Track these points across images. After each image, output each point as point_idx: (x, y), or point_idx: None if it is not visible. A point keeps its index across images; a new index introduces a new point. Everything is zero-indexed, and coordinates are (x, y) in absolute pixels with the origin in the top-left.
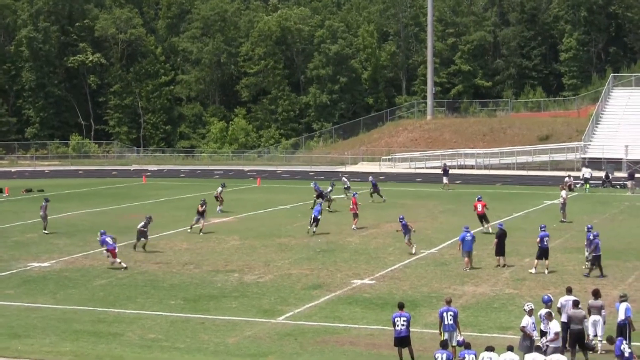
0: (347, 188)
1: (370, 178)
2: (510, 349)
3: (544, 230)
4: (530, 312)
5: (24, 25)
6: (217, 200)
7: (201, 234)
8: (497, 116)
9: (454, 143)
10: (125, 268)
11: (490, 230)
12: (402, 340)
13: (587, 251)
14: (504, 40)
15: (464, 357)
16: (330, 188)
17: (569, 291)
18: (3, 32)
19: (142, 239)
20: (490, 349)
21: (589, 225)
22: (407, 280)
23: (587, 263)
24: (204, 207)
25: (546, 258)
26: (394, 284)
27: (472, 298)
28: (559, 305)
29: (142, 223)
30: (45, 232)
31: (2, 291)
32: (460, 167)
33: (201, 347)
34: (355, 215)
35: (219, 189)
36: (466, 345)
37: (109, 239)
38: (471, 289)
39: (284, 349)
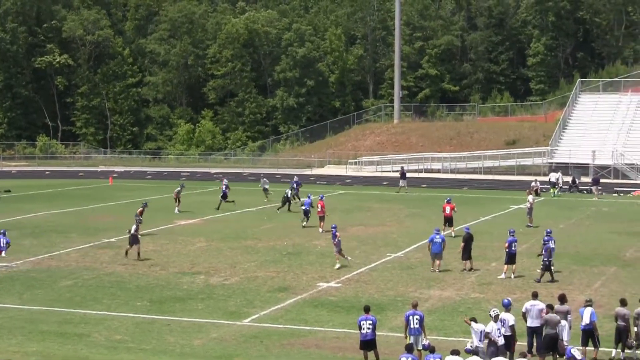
0: (265, 190)
1: (295, 178)
2: (475, 353)
3: (512, 235)
4: (496, 318)
5: None
6: (176, 201)
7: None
8: (464, 120)
9: (420, 147)
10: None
11: (453, 234)
12: (368, 344)
13: (543, 254)
14: (471, 44)
15: None
16: (294, 188)
17: (535, 296)
18: None
19: (135, 244)
20: (455, 352)
21: (548, 230)
22: (373, 284)
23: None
24: (143, 210)
25: (513, 263)
26: (360, 287)
27: (438, 302)
28: (523, 310)
29: (134, 227)
30: None
31: None
32: (427, 171)
33: (167, 348)
34: (322, 218)
35: (177, 189)
36: (431, 349)
37: (2, 240)
38: (437, 292)
39: (250, 351)
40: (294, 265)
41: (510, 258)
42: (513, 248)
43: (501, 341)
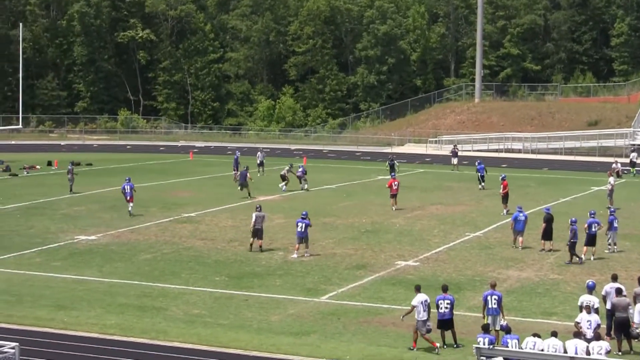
0: (260, 164)
1: (238, 153)
2: (554, 334)
3: (593, 217)
4: (588, 309)
5: (76, 0)
6: (283, 180)
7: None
8: (545, 100)
9: (501, 127)
10: None
11: (505, 213)
12: (445, 323)
13: (607, 234)
14: (554, 24)
15: (507, 343)
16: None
17: (614, 278)
18: (55, 7)
19: (258, 239)
20: (536, 335)
21: (612, 209)
22: (451, 263)
23: (609, 247)
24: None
25: (593, 245)
26: (438, 266)
27: (516, 282)
28: (603, 292)
29: (263, 215)
30: (72, 193)
31: (49, 263)
32: (507, 150)
33: (244, 324)
34: (395, 196)
35: (286, 167)
36: (508, 330)
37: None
38: (516, 273)
39: (327, 328)
40: (372, 243)
41: (590, 239)
42: (593, 229)
43: (590, 334)
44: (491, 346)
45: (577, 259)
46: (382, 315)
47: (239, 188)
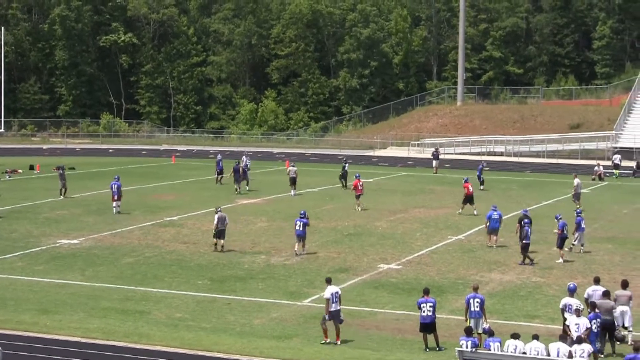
0: (245, 167)
1: (219, 156)
2: (535, 337)
3: (561, 220)
4: (577, 312)
5: (57, 3)
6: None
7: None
8: (528, 103)
9: (483, 129)
10: None
11: (475, 213)
12: (428, 326)
13: (574, 235)
14: (536, 27)
15: (489, 346)
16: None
17: (597, 281)
18: (37, 11)
19: (220, 239)
20: (515, 336)
21: (579, 210)
22: (433, 266)
23: (580, 247)
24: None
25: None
26: (421, 269)
27: (498, 285)
28: (585, 295)
29: (224, 216)
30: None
31: (32, 267)
32: (490, 153)
33: (227, 327)
34: (358, 197)
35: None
36: (491, 333)
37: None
38: (498, 276)
39: (309, 331)
40: (355, 247)
41: (563, 242)
42: (565, 232)
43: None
44: (474, 349)
45: (529, 260)
46: (364, 318)
47: (245, 186)
